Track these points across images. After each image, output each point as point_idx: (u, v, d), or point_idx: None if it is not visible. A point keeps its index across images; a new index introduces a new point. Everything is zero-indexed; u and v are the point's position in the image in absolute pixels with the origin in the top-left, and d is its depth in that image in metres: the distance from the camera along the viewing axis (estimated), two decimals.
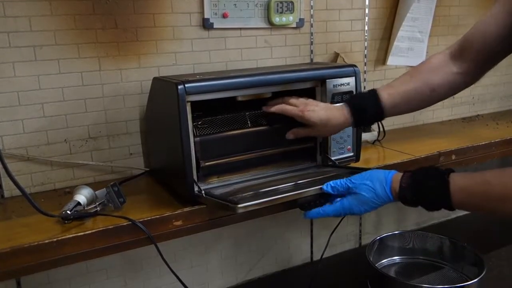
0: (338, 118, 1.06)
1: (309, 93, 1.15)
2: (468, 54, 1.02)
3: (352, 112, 1.06)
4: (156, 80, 1.14)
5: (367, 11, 1.58)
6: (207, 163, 1.05)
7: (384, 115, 1.07)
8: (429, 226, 1.98)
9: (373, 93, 1.06)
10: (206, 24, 1.30)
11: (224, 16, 1.31)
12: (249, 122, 1.12)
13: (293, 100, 1.09)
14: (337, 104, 1.09)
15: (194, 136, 1.02)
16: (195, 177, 1.02)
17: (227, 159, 1.08)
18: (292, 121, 1.09)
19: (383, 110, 1.05)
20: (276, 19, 1.38)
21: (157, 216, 0.99)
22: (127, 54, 1.22)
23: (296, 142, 1.14)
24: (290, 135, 1.11)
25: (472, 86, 1.10)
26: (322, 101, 1.15)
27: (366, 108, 1.06)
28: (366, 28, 1.59)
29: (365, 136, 1.49)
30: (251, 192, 1.01)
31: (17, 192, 1.06)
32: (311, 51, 1.50)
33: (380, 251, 1.61)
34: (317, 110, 1.05)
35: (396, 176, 0.98)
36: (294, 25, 1.44)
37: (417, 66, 1.08)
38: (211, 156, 1.06)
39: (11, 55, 1.09)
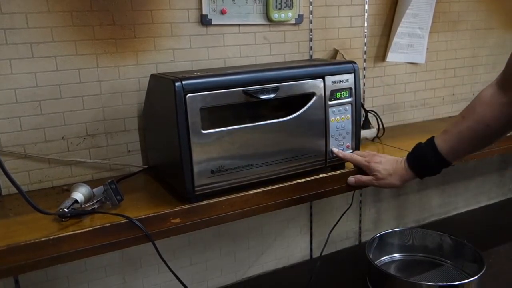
0: (400, 171, 1.12)
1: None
2: None
3: (411, 166, 1.10)
4: (153, 77, 1.14)
5: (366, 7, 1.57)
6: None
7: (446, 161, 1.06)
8: (429, 223, 1.98)
9: (430, 141, 1.08)
10: (204, 21, 1.29)
11: (223, 12, 1.30)
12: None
13: (360, 152, 1.21)
14: (396, 158, 1.15)
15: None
16: (193, 174, 1.01)
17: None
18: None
19: (442, 156, 1.05)
20: (275, 16, 1.37)
21: (155, 214, 0.98)
22: (124, 51, 1.22)
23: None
24: (351, 180, 1.19)
25: (472, 82, 1.08)
26: (321, 100, 1.14)
27: (425, 158, 1.08)
28: (366, 24, 1.58)
29: (365, 133, 1.49)
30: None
31: (14, 189, 1.05)
32: (310, 48, 1.49)
33: (379, 248, 1.61)
34: (383, 162, 1.14)
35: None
36: (293, 22, 1.43)
37: (468, 105, 1.03)
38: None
39: (7, 52, 1.09)
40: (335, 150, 1.19)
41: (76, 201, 0.99)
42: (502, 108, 0.95)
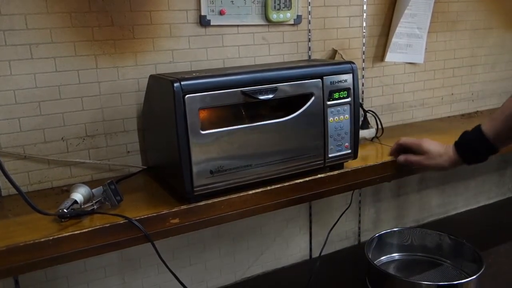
0: (450, 154, 1.15)
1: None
2: None
3: (459, 151, 1.13)
4: (152, 78, 1.14)
5: (365, 7, 1.57)
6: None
7: (494, 147, 1.07)
8: (428, 223, 1.98)
9: (477, 128, 1.10)
10: (203, 21, 1.29)
11: (221, 13, 1.31)
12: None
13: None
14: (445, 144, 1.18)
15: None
16: (192, 174, 1.01)
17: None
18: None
19: (488, 141, 1.07)
20: (274, 16, 1.38)
21: (154, 214, 0.99)
22: (123, 51, 1.22)
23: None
24: (401, 159, 1.23)
25: (471, 82, 1.09)
26: (320, 100, 1.15)
27: (471, 145, 1.10)
28: (364, 24, 1.58)
29: (363, 133, 1.49)
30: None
31: (14, 190, 1.06)
32: (309, 48, 1.50)
33: (379, 248, 1.61)
34: (433, 144, 1.18)
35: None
36: (291, 22, 1.43)
37: None
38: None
39: (7, 53, 1.09)
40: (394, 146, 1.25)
41: (75, 201, 0.99)
42: None
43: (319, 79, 1.14)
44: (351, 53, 1.58)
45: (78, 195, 1.00)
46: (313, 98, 1.14)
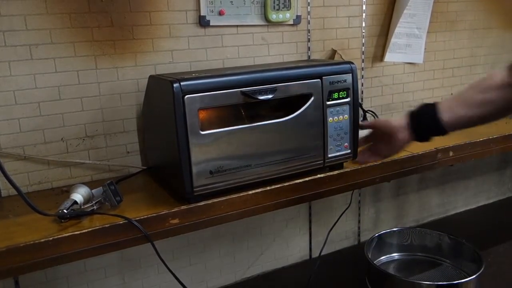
0: (399, 121, 1.10)
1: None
2: None
3: (410, 119, 1.09)
4: (152, 78, 1.14)
5: (364, 7, 1.57)
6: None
7: (442, 119, 1.04)
8: (428, 222, 1.98)
9: (435, 109, 1.07)
10: (202, 22, 1.29)
11: (221, 13, 1.31)
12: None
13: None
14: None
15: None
16: (192, 174, 1.02)
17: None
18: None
19: (438, 110, 1.04)
20: (273, 16, 1.38)
21: (154, 215, 0.99)
22: (123, 52, 1.22)
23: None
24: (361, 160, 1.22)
25: (470, 82, 1.09)
26: (319, 100, 1.15)
27: (421, 113, 1.08)
28: (364, 24, 1.59)
29: (363, 133, 1.49)
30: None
31: (14, 191, 1.06)
32: (308, 48, 1.50)
33: (379, 248, 1.61)
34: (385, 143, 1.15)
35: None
36: (291, 22, 1.43)
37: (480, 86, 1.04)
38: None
39: (6, 54, 1.09)
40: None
41: (75, 202, 0.99)
42: (507, 88, 0.98)
43: (318, 79, 1.14)
44: (351, 53, 1.58)
45: (78, 196, 1.00)
46: (312, 98, 1.14)
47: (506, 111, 1.02)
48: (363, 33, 1.59)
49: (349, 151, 1.22)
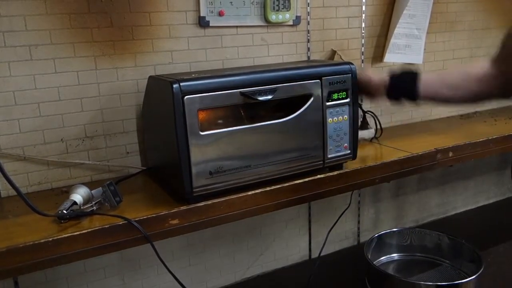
0: (379, 77, 1.18)
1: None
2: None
3: (389, 79, 1.17)
4: (152, 79, 1.14)
5: (364, 8, 1.57)
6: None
7: (419, 90, 1.12)
8: (427, 223, 1.99)
9: (416, 71, 1.15)
10: (202, 22, 1.30)
11: (220, 14, 1.31)
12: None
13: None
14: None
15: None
16: (191, 175, 1.02)
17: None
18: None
19: (419, 80, 1.11)
20: (273, 17, 1.38)
21: (154, 215, 0.99)
22: (123, 52, 1.22)
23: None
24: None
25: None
26: (318, 101, 1.15)
27: (402, 78, 1.15)
28: (363, 25, 1.59)
29: (362, 133, 1.49)
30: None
31: (13, 191, 1.05)
32: (308, 49, 1.50)
33: (378, 248, 1.61)
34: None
35: None
36: (290, 23, 1.43)
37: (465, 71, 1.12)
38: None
39: (6, 54, 1.09)
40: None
41: (75, 202, 0.99)
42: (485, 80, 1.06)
43: (318, 80, 1.14)
44: (350, 54, 1.58)
45: (78, 196, 1.00)
46: (312, 99, 1.14)
47: (479, 100, 1.10)
48: (363, 34, 1.59)
49: (348, 151, 1.22)
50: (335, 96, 1.17)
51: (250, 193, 1.09)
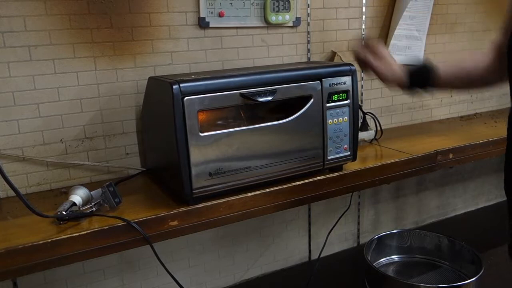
0: (400, 66, 1.15)
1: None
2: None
3: (408, 69, 1.14)
4: (151, 80, 1.14)
5: (364, 9, 1.57)
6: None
7: (434, 72, 1.10)
8: (427, 225, 1.98)
9: (430, 63, 1.13)
10: (202, 23, 1.29)
11: (220, 15, 1.31)
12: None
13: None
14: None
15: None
16: (191, 176, 1.01)
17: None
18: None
19: (433, 67, 1.10)
20: (273, 18, 1.38)
21: (153, 216, 0.99)
22: (122, 53, 1.22)
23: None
24: (361, 55, 1.15)
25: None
26: (319, 102, 1.15)
27: (418, 66, 1.13)
28: (363, 26, 1.59)
29: (363, 135, 1.49)
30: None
31: (12, 192, 1.05)
32: (308, 50, 1.50)
33: (378, 250, 1.61)
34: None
35: None
36: (290, 24, 1.43)
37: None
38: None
39: (6, 55, 1.09)
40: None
41: (74, 203, 0.99)
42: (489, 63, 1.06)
43: (318, 81, 1.14)
44: (350, 55, 1.58)
45: (77, 197, 1.00)
46: (312, 100, 1.14)
47: (488, 84, 1.09)
48: (363, 35, 1.59)
49: (348, 153, 1.22)
50: (335, 97, 1.17)
51: (249, 194, 1.09)
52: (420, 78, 1.13)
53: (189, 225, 1.03)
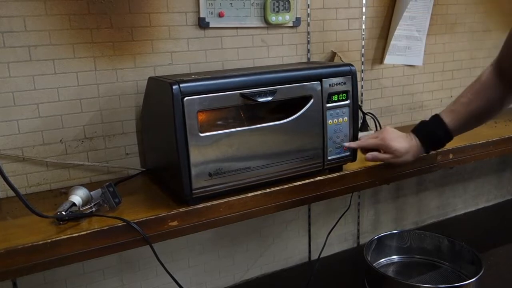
0: (414, 148, 1.17)
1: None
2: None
3: (423, 142, 1.17)
4: (151, 80, 1.14)
5: (364, 9, 1.57)
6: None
7: (452, 136, 1.15)
8: (427, 225, 1.98)
9: (437, 118, 1.15)
10: (202, 23, 1.29)
11: (220, 15, 1.31)
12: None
13: (368, 135, 1.25)
14: (406, 134, 1.19)
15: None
16: (191, 177, 1.01)
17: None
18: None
19: (450, 131, 1.14)
20: (273, 18, 1.38)
21: (153, 217, 0.99)
22: (122, 53, 1.22)
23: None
24: (369, 157, 1.19)
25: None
26: (319, 102, 1.15)
27: (435, 134, 1.16)
28: (363, 27, 1.59)
29: (362, 135, 1.48)
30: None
31: (12, 193, 1.05)
32: (308, 50, 1.50)
33: (378, 250, 1.61)
34: (397, 140, 1.17)
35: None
36: (290, 24, 1.43)
37: (471, 88, 1.14)
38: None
39: (6, 55, 1.09)
40: (346, 144, 1.21)
41: (74, 204, 0.99)
42: (500, 91, 1.08)
43: (318, 82, 1.14)
44: (350, 56, 1.58)
45: (77, 198, 1.00)
46: (312, 101, 1.14)
47: (498, 106, 1.11)
48: (363, 35, 1.59)
49: (348, 153, 1.22)
50: (335, 97, 1.17)
51: (249, 194, 1.09)
52: (435, 144, 1.18)
53: (189, 225, 1.03)
